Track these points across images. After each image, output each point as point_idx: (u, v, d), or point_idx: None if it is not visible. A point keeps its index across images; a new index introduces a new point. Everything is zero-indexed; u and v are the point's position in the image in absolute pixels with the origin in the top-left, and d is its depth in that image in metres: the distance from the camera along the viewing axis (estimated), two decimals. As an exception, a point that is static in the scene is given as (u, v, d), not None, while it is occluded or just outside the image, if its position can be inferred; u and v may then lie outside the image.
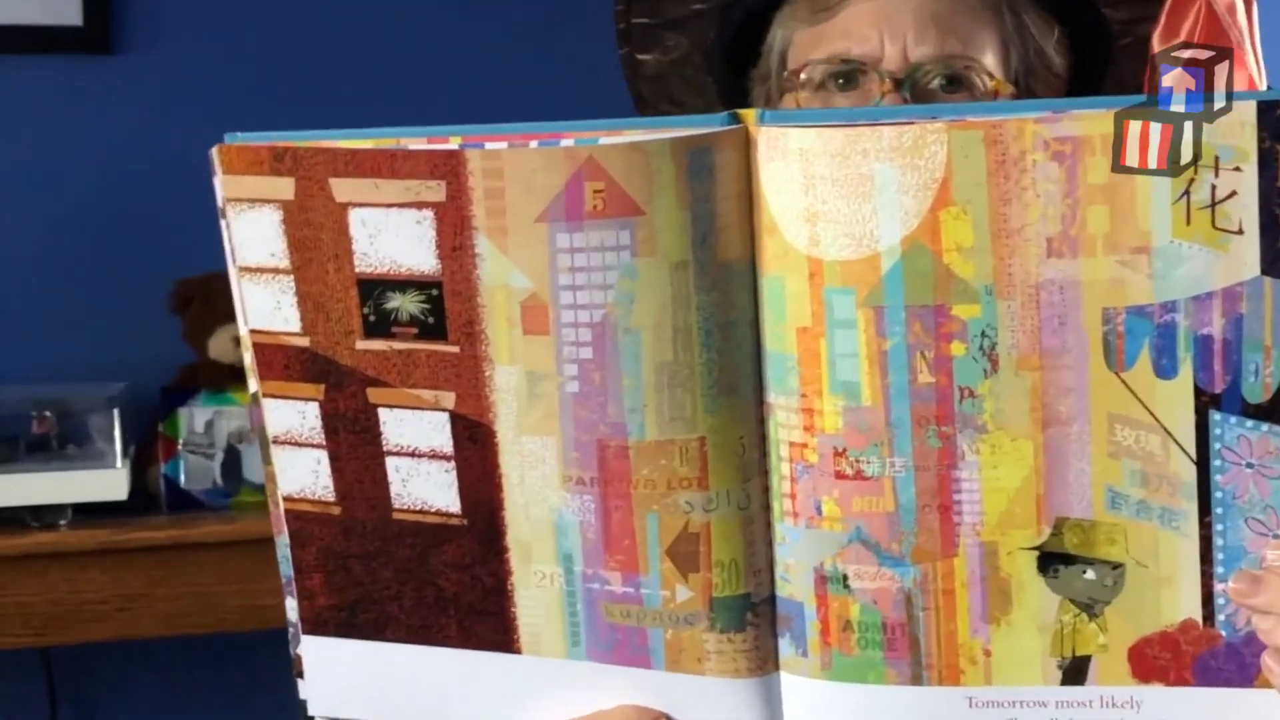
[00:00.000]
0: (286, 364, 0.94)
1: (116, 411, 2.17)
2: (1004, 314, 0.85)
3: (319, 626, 1.00)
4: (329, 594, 0.99)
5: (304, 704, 1.02)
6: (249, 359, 0.95)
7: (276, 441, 0.97)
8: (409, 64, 2.48)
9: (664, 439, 0.89)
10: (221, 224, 0.93)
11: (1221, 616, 0.88)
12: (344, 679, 1.00)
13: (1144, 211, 0.83)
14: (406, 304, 0.91)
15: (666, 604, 0.92)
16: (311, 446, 0.96)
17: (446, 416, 0.93)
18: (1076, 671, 0.90)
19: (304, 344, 0.93)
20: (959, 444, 0.87)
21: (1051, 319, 0.85)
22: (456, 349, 0.91)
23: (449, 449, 0.93)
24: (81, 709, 2.49)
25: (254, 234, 0.92)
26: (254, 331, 0.95)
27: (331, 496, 0.97)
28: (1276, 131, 0.81)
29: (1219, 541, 0.87)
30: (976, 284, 0.85)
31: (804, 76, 1.18)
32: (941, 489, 0.88)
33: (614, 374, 0.88)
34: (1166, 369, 0.85)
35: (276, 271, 0.92)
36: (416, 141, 0.88)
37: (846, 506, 0.89)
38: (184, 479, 2.25)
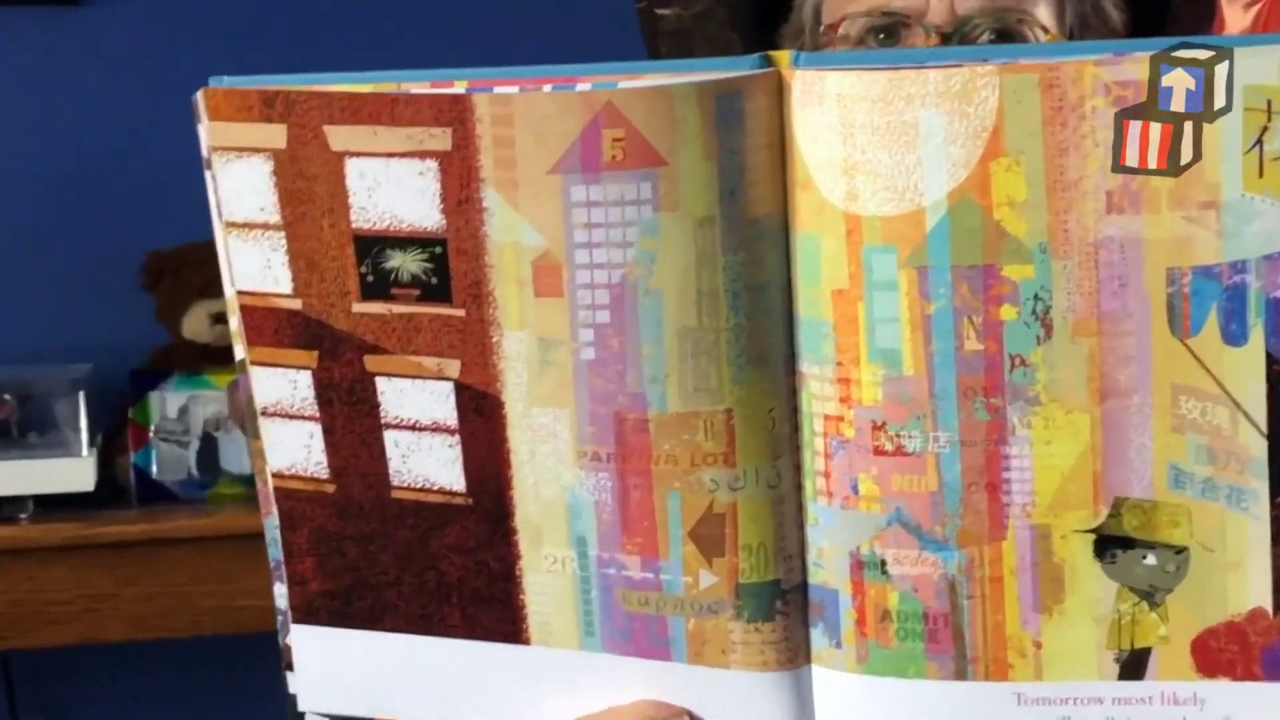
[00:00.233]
0: (276, 328, 0.93)
1: (82, 395, 2.16)
2: (1059, 275, 0.83)
3: (310, 615, 0.98)
4: (321, 579, 0.97)
5: (293, 699, 1.01)
6: (235, 323, 0.94)
7: (265, 413, 0.95)
8: (404, 11, 2.44)
9: (687, 411, 0.88)
10: (206, 175, 0.92)
11: (1294, 605, 0.87)
12: (337, 671, 0.99)
13: (1212, 163, 0.81)
14: (407, 263, 0.89)
15: (689, 591, 0.91)
16: (303, 419, 0.95)
17: (450, 386, 0.91)
18: (1135, 665, 0.88)
19: (295, 307, 0.92)
20: (1009, 417, 0.85)
21: (1111, 280, 0.83)
22: (462, 312, 0.89)
23: (453, 422, 0.92)
24: (44, 717, 2.48)
25: (242, 186, 0.90)
26: (241, 293, 0.93)
27: (325, 473, 0.95)
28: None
29: (1292, 523, 0.86)
30: (1030, 242, 0.83)
31: (841, 31, 1.19)
32: (989, 466, 0.86)
33: (633, 340, 0.87)
34: (1236, 335, 0.83)
35: (266, 227, 0.91)
36: (419, 86, 0.87)
37: (885, 485, 0.87)
38: (156, 469, 2.24)
